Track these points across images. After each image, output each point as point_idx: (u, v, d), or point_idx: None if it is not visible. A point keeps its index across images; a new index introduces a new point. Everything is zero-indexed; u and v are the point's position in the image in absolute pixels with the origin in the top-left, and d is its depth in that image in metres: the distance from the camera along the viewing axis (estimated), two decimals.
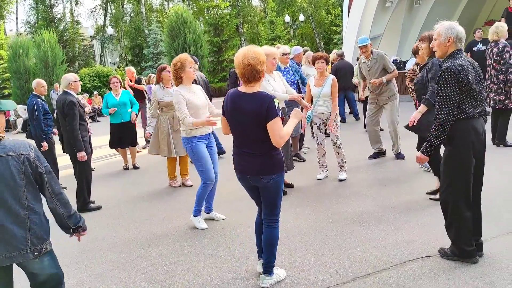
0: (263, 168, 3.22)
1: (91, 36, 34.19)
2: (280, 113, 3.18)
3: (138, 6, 37.92)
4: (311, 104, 5.95)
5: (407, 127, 4.84)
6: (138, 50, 33.24)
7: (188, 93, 4.80)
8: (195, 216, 4.90)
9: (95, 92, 23.18)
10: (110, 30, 31.85)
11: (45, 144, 7.03)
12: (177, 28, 21.80)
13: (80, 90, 6.14)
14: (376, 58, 6.95)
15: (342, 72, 10.59)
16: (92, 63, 37.02)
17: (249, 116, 3.15)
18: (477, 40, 11.42)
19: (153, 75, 10.14)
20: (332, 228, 4.46)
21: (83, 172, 5.97)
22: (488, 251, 3.59)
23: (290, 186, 5.94)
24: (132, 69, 11.26)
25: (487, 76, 7.09)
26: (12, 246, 2.47)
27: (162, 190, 6.74)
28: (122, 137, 8.47)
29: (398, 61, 14.72)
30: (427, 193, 5.08)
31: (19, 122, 19.58)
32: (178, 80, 4.84)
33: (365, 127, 10.06)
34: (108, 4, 41.26)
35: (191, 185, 6.70)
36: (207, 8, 36.30)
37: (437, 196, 4.76)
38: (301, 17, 33.33)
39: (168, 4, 43.62)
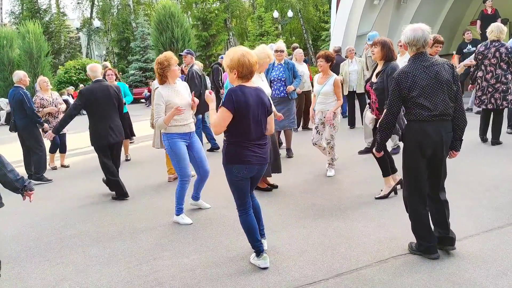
0: (269, 155, 3.74)
1: (77, 28, 33.74)
2: None
3: None
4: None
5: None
6: (125, 43, 32.98)
7: (170, 93, 4.75)
8: (177, 215, 4.89)
9: (81, 85, 22.89)
10: (97, 23, 31.51)
11: (46, 126, 7.63)
12: (164, 22, 21.64)
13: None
14: None
15: (336, 68, 10.57)
16: (79, 55, 36.58)
17: (264, 109, 3.51)
18: (466, 41, 11.41)
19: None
20: (316, 224, 4.48)
21: None
22: (469, 248, 3.65)
23: (274, 186, 5.88)
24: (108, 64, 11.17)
25: (488, 76, 7.07)
26: None
27: (146, 185, 6.71)
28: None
29: None
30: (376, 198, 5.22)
31: (3, 115, 19.29)
32: (163, 79, 4.79)
33: (351, 125, 10.18)
34: None
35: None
36: (195, 2, 36.10)
37: (381, 193, 5.15)
38: (290, 13, 33.34)
39: None
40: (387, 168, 5.11)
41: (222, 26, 35.21)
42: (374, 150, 3.94)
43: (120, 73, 11.04)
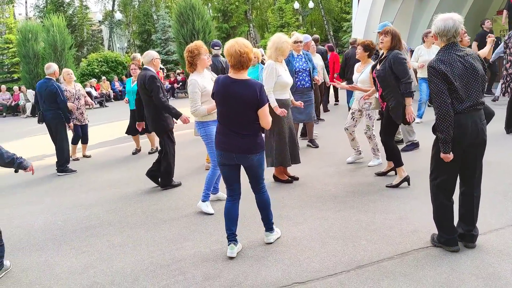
0: (250, 148, 3.62)
1: (99, 21, 34.09)
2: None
3: None
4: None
5: (405, 123, 5.21)
6: (147, 36, 33.18)
7: (205, 80, 4.86)
8: (203, 201, 4.96)
9: (103, 77, 23.18)
10: (118, 15, 31.80)
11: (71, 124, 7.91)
12: (185, 14, 21.67)
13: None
14: None
15: (352, 60, 10.45)
16: (101, 48, 36.97)
17: (241, 101, 3.52)
18: (486, 30, 11.13)
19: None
20: (337, 216, 4.48)
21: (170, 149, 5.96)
22: (493, 242, 3.60)
23: (295, 178, 5.89)
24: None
25: (508, 65, 6.98)
26: None
27: (185, 171, 6.77)
28: (134, 123, 8.53)
29: (408, 50, 14.58)
30: (376, 174, 5.70)
31: (28, 107, 19.70)
32: (193, 67, 4.86)
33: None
34: None
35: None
36: None
37: (393, 182, 5.23)
38: (311, 4, 33.05)
39: None
40: (399, 159, 5.17)
41: (242, 17, 35.13)
42: (441, 153, 3.37)
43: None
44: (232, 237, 3.78)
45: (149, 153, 8.77)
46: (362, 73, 6.06)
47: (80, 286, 3.55)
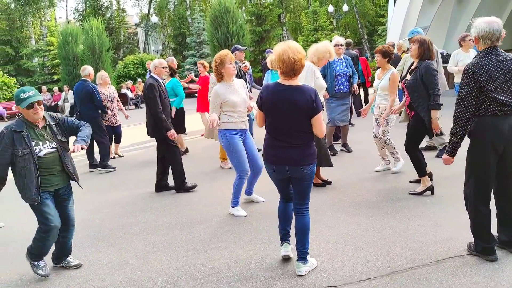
0: (304, 158, 3.36)
1: (135, 24, 34.90)
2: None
3: None
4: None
5: (430, 136, 5.27)
6: (181, 39, 33.68)
7: (227, 90, 4.88)
8: (233, 207, 5.03)
9: (139, 79, 23.68)
10: (154, 18, 32.44)
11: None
12: (220, 17, 21.95)
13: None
14: None
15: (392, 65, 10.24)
16: (136, 50, 37.81)
17: (295, 108, 3.28)
18: None
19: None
20: (371, 221, 4.45)
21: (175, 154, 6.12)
22: None
23: (328, 182, 5.88)
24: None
25: None
26: None
27: (201, 177, 6.89)
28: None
29: (444, 54, 14.30)
30: (410, 181, 5.57)
31: (67, 107, 20.33)
32: (219, 76, 4.93)
33: None
34: None
35: (230, 167, 7.10)
36: None
37: (417, 190, 5.17)
38: (345, 8, 32.85)
39: None
40: (423, 168, 5.10)
41: (276, 21, 35.21)
42: (445, 155, 3.50)
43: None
44: (286, 237, 3.71)
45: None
46: (382, 79, 6.00)
47: (117, 282, 3.66)
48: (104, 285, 3.61)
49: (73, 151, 3.69)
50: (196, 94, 22.18)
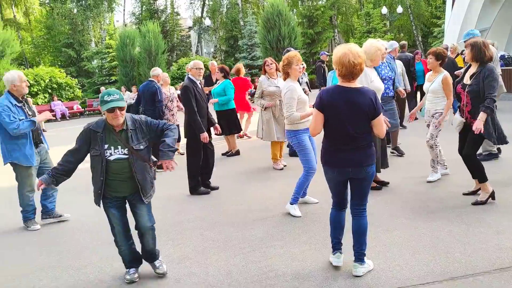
0: (367, 159, 3.43)
1: (188, 27, 35.71)
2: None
3: None
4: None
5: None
6: (233, 41, 34.14)
7: (298, 88, 5.08)
8: (292, 203, 5.10)
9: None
10: (207, 21, 33.07)
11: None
12: (272, 20, 22.10)
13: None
14: None
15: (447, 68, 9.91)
16: (189, 53, 38.66)
17: (358, 110, 3.32)
18: None
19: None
20: (428, 226, 4.39)
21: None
22: None
23: (385, 184, 5.86)
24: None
25: None
26: None
27: (254, 176, 7.01)
28: (220, 124, 8.91)
29: (506, 56, 13.74)
30: (463, 194, 5.26)
31: None
32: (286, 75, 5.11)
33: None
34: None
35: (285, 165, 7.39)
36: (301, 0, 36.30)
37: (478, 198, 4.96)
38: (399, 9, 32.15)
39: None
40: (483, 174, 4.91)
41: (327, 23, 35.00)
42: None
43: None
44: (338, 246, 3.67)
45: (227, 155, 9.10)
46: (434, 82, 5.83)
47: (178, 274, 3.83)
48: (166, 277, 3.78)
49: (166, 170, 3.59)
50: (249, 96, 22.46)
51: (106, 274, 3.99)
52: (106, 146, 3.48)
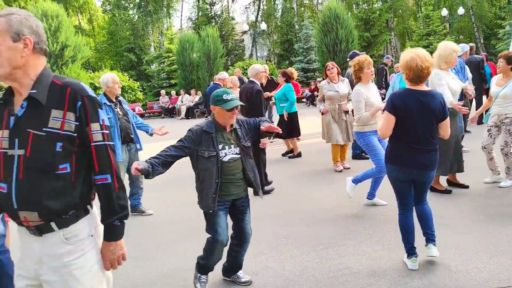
0: (433, 163, 3.59)
1: (242, 32, 36.19)
2: None
3: (290, 2, 39.07)
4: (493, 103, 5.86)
5: None
6: (288, 45, 34.31)
7: (366, 91, 5.19)
8: (370, 199, 5.43)
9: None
10: (263, 26, 33.45)
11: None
12: (329, 23, 22.06)
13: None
14: None
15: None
16: (244, 56, 39.19)
17: (430, 113, 3.47)
18: None
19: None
20: (504, 231, 4.33)
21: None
22: None
23: (465, 186, 5.84)
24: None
25: None
26: None
27: (320, 177, 7.11)
28: (281, 127, 9.08)
29: None
30: None
31: (183, 109, 21.78)
32: (357, 79, 5.24)
33: None
34: (261, 1, 43.33)
35: (349, 168, 7.47)
36: (356, 3, 35.89)
37: None
38: (460, 10, 31.10)
39: None
40: None
41: (384, 26, 34.40)
42: None
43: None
44: (412, 251, 3.71)
45: (289, 157, 9.25)
46: (505, 87, 5.64)
47: (255, 268, 4.01)
48: (243, 271, 3.95)
49: (274, 131, 3.56)
50: (304, 100, 22.55)
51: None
52: (220, 146, 3.39)
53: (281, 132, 3.67)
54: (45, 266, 1.97)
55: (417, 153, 3.52)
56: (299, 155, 9.26)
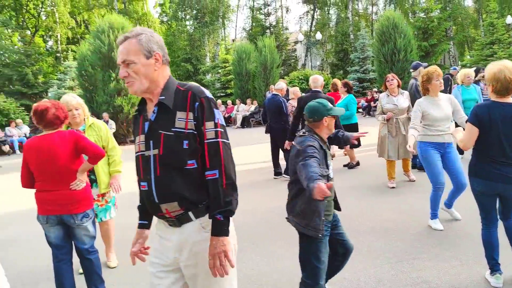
0: None
1: (298, 41, 36.33)
2: None
3: (345, 12, 38.89)
4: None
5: None
6: (343, 55, 34.09)
7: (429, 104, 5.04)
8: (431, 219, 5.13)
9: (303, 94, 24.63)
10: (318, 35, 33.45)
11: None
12: (387, 33, 21.72)
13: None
14: None
15: None
16: (296, 66, 39.30)
17: None
18: None
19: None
20: None
21: None
22: None
23: None
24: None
25: None
26: None
27: (387, 190, 7.00)
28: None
29: None
30: None
31: (239, 118, 22.13)
32: (425, 90, 5.12)
33: None
34: (315, 10, 43.40)
35: (414, 180, 7.38)
36: (412, 11, 35.14)
37: None
38: None
39: (372, 8, 43.65)
40: None
41: (443, 35, 33.43)
42: None
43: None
44: (496, 267, 3.61)
45: (348, 167, 9.20)
46: None
47: (332, 279, 4.01)
48: None
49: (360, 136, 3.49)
50: (360, 110, 22.25)
51: None
52: (328, 162, 3.15)
53: (366, 134, 3.67)
54: (184, 252, 2.18)
55: (503, 167, 3.43)
56: (357, 164, 9.20)
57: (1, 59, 30.80)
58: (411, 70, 8.38)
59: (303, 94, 9.20)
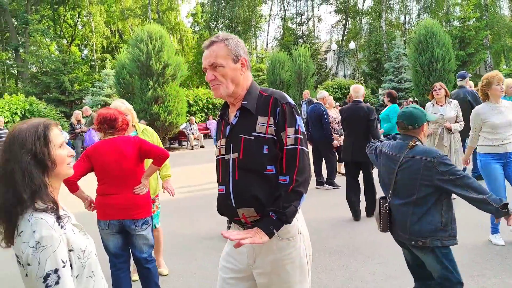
0: None
1: (325, 51, 36.28)
2: None
3: (378, 21, 38.57)
4: None
5: None
6: (376, 64, 33.75)
7: (489, 110, 4.86)
8: (492, 233, 4.96)
9: (337, 104, 24.48)
10: (352, 45, 33.24)
11: (335, 142, 8.49)
12: (424, 42, 21.34)
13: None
14: None
15: None
16: (328, 75, 39.14)
17: None
18: None
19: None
20: None
21: None
22: None
23: None
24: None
25: None
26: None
27: None
28: None
29: None
30: None
31: None
32: (484, 96, 4.95)
33: None
34: (347, 20, 43.23)
35: None
36: (447, 19, 34.55)
37: None
38: None
39: (405, 17, 43.10)
40: None
41: (480, 44, 32.69)
42: None
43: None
44: None
45: None
46: None
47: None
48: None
49: None
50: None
51: None
52: None
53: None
54: (258, 259, 2.17)
55: None
56: None
57: (40, 68, 31.84)
58: (458, 80, 8.17)
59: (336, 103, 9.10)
